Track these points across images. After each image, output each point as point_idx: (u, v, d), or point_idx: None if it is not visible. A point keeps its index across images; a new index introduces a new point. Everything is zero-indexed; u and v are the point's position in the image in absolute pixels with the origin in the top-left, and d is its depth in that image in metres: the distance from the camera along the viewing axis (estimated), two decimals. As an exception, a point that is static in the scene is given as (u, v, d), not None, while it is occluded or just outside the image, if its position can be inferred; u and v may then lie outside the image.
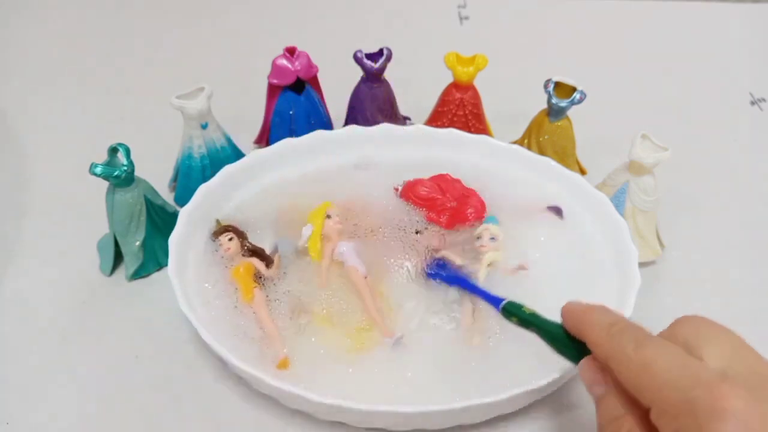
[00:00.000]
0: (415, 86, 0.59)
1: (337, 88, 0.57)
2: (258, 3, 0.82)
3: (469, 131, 0.54)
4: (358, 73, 0.55)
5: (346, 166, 0.51)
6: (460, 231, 0.46)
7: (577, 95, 0.50)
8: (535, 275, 0.43)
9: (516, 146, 0.52)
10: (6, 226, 0.51)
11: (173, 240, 0.42)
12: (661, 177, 0.47)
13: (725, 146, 0.62)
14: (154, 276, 0.48)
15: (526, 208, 0.48)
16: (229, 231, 0.44)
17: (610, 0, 0.84)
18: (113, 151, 0.44)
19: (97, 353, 0.43)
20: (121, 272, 0.47)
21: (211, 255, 0.44)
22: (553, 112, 0.52)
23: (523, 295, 0.42)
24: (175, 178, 0.53)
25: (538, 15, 0.82)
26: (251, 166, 0.49)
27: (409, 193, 0.48)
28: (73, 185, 0.53)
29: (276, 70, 0.53)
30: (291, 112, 0.55)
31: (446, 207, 0.47)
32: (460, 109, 0.55)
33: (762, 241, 0.52)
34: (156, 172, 0.49)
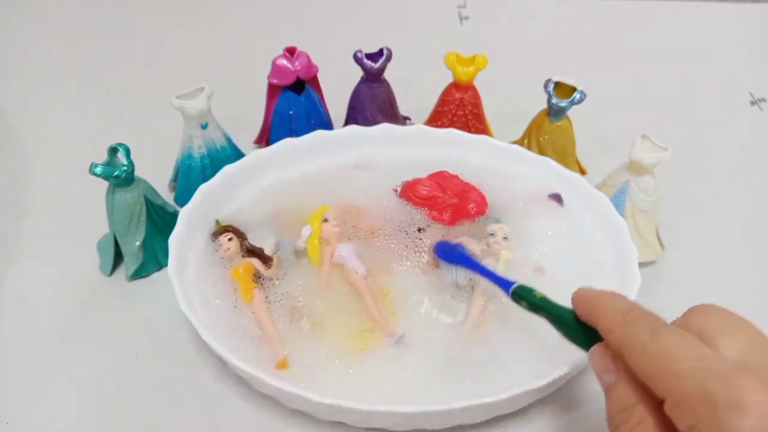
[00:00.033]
0: (415, 86, 0.59)
1: (337, 88, 0.57)
2: (258, 3, 0.82)
3: (469, 131, 0.54)
4: (358, 73, 0.55)
5: (346, 166, 0.51)
6: (466, 225, 0.46)
7: (577, 95, 0.50)
8: (534, 275, 0.43)
9: (516, 146, 0.52)
10: (6, 226, 0.51)
11: (173, 240, 0.42)
12: (661, 177, 0.47)
13: (725, 146, 0.62)
14: (154, 276, 0.48)
15: (527, 199, 0.48)
16: (228, 231, 0.44)
17: (610, 0, 0.84)
18: (113, 151, 0.44)
19: (97, 353, 0.43)
20: (121, 272, 0.47)
21: (211, 255, 0.44)
22: (553, 112, 0.52)
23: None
24: (175, 178, 0.53)
25: (538, 15, 0.82)
26: (251, 166, 0.49)
27: (409, 193, 0.48)
28: (73, 185, 0.53)
29: (276, 70, 0.53)
30: (291, 112, 0.55)
31: (448, 204, 0.47)
32: (460, 109, 0.55)
33: (762, 241, 0.52)
34: (156, 172, 0.49)
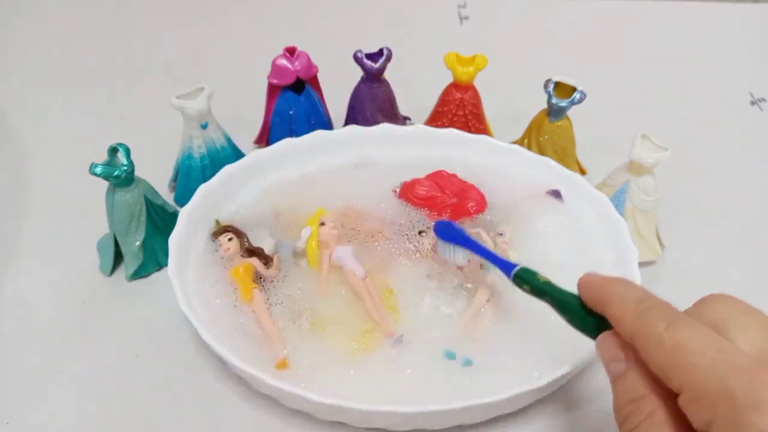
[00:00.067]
0: (415, 86, 0.59)
1: (337, 88, 0.57)
2: (258, 3, 0.82)
3: (469, 131, 0.54)
4: (358, 73, 0.55)
5: (346, 166, 0.51)
6: (466, 223, 0.46)
7: (577, 95, 0.50)
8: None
9: (516, 146, 0.52)
10: (6, 226, 0.51)
11: (173, 240, 0.42)
12: (661, 177, 0.47)
13: (725, 146, 0.62)
14: (154, 276, 0.48)
15: (526, 196, 0.48)
16: (228, 231, 0.44)
17: (610, 0, 0.84)
18: (113, 151, 0.44)
19: (97, 353, 0.43)
20: (121, 272, 0.47)
21: (211, 255, 0.44)
22: (553, 112, 0.52)
23: (523, 295, 0.41)
24: (175, 178, 0.53)
25: (538, 15, 0.82)
26: (251, 166, 0.49)
27: (408, 193, 0.48)
28: (73, 185, 0.53)
29: (276, 70, 0.53)
30: (291, 112, 0.55)
31: (447, 204, 0.47)
32: (460, 109, 0.55)
33: (762, 241, 0.52)
34: (156, 172, 0.49)
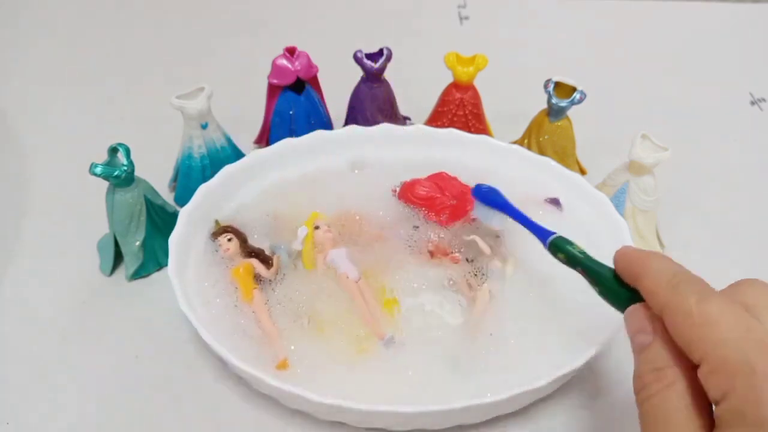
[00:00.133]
0: (415, 86, 0.59)
1: (337, 88, 0.57)
2: (258, 3, 0.82)
3: (469, 131, 0.54)
4: (358, 73, 0.55)
5: (346, 166, 0.51)
6: (463, 227, 0.46)
7: (577, 95, 0.50)
8: (534, 275, 0.43)
9: (516, 146, 0.52)
10: (6, 226, 0.51)
11: (173, 240, 0.42)
12: (661, 177, 0.47)
13: (725, 146, 0.62)
14: (154, 276, 0.48)
15: (525, 201, 0.48)
16: (228, 232, 0.44)
17: (610, 0, 0.84)
18: (113, 151, 0.44)
19: (97, 353, 0.42)
20: (121, 272, 0.47)
21: (211, 255, 0.44)
22: (553, 112, 0.52)
23: (523, 295, 0.41)
24: (175, 178, 0.53)
25: (538, 15, 0.82)
26: (251, 166, 0.49)
27: (408, 193, 0.48)
28: (73, 185, 0.53)
29: (276, 70, 0.53)
30: (291, 112, 0.55)
31: (446, 205, 0.47)
32: (460, 109, 0.55)
33: (762, 241, 0.52)
34: (156, 172, 0.49)
